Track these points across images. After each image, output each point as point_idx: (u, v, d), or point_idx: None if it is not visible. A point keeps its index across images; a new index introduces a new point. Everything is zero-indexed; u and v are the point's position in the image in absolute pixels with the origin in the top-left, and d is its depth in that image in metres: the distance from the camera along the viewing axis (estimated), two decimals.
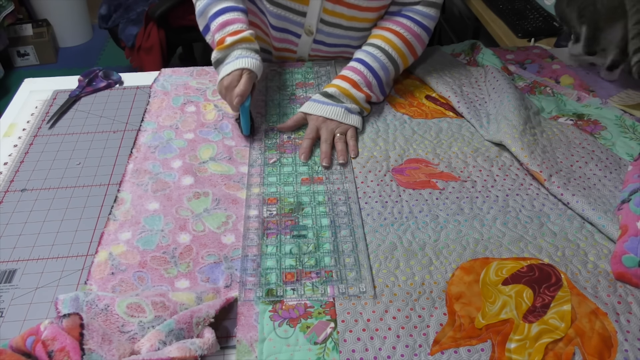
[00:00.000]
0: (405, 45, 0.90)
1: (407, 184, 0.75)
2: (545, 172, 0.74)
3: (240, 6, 0.86)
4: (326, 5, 0.90)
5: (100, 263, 0.64)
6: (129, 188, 0.75)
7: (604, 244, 0.66)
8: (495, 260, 0.64)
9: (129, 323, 0.54)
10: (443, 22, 2.50)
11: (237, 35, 0.82)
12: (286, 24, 0.96)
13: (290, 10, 0.93)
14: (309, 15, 0.92)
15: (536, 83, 0.94)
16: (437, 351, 0.54)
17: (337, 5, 0.89)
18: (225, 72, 0.80)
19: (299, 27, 0.96)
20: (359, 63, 0.89)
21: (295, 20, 0.94)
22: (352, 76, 0.87)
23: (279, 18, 0.94)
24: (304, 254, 0.65)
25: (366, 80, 0.87)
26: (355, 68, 0.88)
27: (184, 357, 0.51)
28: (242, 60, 0.80)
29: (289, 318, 0.58)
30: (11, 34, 2.66)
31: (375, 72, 0.88)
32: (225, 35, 0.83)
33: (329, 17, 0.92)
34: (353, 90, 0.86)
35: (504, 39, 1.69)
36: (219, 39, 0.83)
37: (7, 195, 0.76)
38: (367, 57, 0.89)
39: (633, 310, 0.58)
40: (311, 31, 0.95)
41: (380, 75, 0.88)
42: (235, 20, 0.84)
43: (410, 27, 0.90)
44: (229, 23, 0.83)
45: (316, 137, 0.83)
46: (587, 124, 0.85)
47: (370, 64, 0.88)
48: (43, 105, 0.94)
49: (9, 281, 0.63)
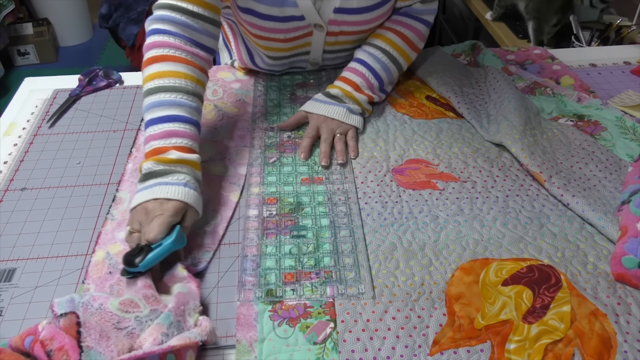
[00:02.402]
0: (407, 43, 0.89)
1: (407, 185, 0.75)
2: (545, 172, 0.74)
3: (194, 119, 0.71)
4: (328, 40, 0.90)
5: (98, 262, 0.64)
6: (127, 187, 0.75)
7: (603, 245, 0.66)
8: (495, 261, 0.64)
9: (125, 319, 0.54)
10: (443, 22, 2.50)
11: (186, 154, 0.66)
12: (291, 64, 0.97)
13: (291, 57, 0.93)
14: (313, 52, 0.93)
15: (536, 84, 0.94)
16: (436, 352, 0.54)
17: (340, 36, 0.89)
18: (160, 194, 0.62)
19: (304, 63, 0.97)
20: (360, 64, 0.88)
21: (299, 59, 0.95)
22: (353, 78, 0.87)
23: (282, 64, 0.95)
24: (304, 255, 0.65)
25: (368, 82, 0.87)
26: (357, 70, 0.88)
27: (185, 344, 0.51)
28: (190, 192, 0.64)
29: (289, 318, 0.58)
30: (11, 33, 2.66)
31: (377, 73, 0.88)
32: (170, 146, 0.66)
33: (333, 47, 0.92)
34: (355, 93, 0.86)
35: (505, 40, 1.69)
36: (159, 147, 0.66)
37: (7, 194, 0.76)
38: (369, 58, 0.88)
39: (632, 312, 0.58)
40: (317, 63, 0.97)
41: (382, 76, 0.88)
42: (186, 134, 0.68)
43: (411, 25, 0.90)
44: (178, 135, 0.68)
45: (316, 136, 0.83)
46: (587, 124, 0.85)
47: (372, 65, 0.88)
48: (43, 105, 0.94)
49: (9, 280, 0.63)
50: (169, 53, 0.72)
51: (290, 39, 0.87)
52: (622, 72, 1.01)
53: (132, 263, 0.58)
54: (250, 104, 0.92)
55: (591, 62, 1.05)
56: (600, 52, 1.10)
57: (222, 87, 0.97)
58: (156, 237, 0.59)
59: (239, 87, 0.97)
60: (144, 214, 0.62)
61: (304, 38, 0.88)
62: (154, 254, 0.58)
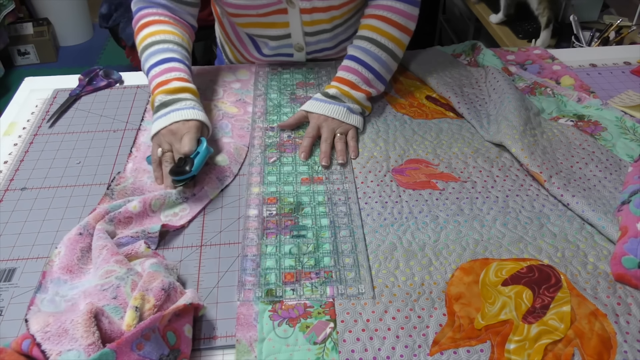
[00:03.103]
0: (394, 27, 0.88)
1: (407, 185, 0.75)
2: (545, 173, 0.74)
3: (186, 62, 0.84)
4: (304, 18, 0.91)
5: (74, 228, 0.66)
6: None
7: (603, 245, 0.66)
8: (495, 261, 0.64)
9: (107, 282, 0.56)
10: (443, 22, 2.50)
11: (186, 83, 0.80)
12: (276, 50, 0.98)
13: (275, 39, 0.95)
14: (294, 35, 0.94)
15: (536, 84, 0.94)
16: (436, 352, 0.54)
17: (314, 14, 0.90)
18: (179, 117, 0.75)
19: (288, 48, 0.98)
20: (351, 61, 0.88)
21: (283, 44, 0.96)
22: (348, 77, 0.87)
23: (268, 47, 0.98)
24: (304, 254, 0.65)
25: (363, 77, 0.87)
26: (350, 67, 0.88)
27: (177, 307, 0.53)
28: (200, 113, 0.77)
29: (289, 318, 0.58)
30: (12, 33, 2.66)
31: (370, 66, 0.87)
32: (171, 78, 0.80)
33: (312, 28, 0.93)
34: (352, 91, 0.86)
35: (505, 40, 1.69)
36: (162, 80, 0.80)
37: (7, 194, 0.76)
38: (358, 52, 0.88)
39: (632, 312, 0.58)
40: (301, 47, 0.97)
41: (375, 67, 0.87)
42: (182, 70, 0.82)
43: (393, 6, 0.88)
44: (175, 69, 0.81)
45: (317, 136, 0.83)
46: (587, 125, 0.85)
47: (363, 59, 0.87)
48: (43, 104, 0.94)
49: (9, 280, 0.63)
50: (156, 18, 0.86)
51: (264, 14, 0.90)
52: (622, 72, 1.01)
53: (183, 172, 0.70)
54: (250, 104, 0.92)
55: (591, 62, 1.05)
56: (600, 52, 1.09)
57: (222, 87, 0.97)
58: (191, 148, 0.72)
59: (239, 87, 0.97)
60: (171, 134, 0.74)
61: (279, 15, 0.90)
62: (198, 159, 0.71)
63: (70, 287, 0.60)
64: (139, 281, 0.56)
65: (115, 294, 0.55)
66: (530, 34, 1.63)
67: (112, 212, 0.67)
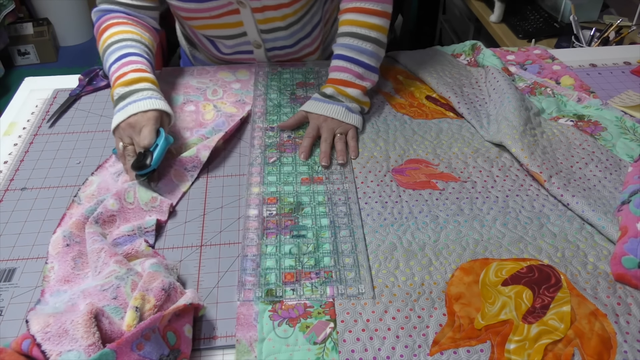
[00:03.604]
0: (371, 14, 0.87)
1: (407, 185, 0.75)
2: (545, 173, 0.74)
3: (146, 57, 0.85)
4: (257, 17, 0.92)
5: (56, 240, 0.65)
6: (100, 173, 0.78)
7: (603, 245, 0.66)
8: (495, 261, 0.64)
9: (107, 282, 0.56)
10: (443, 22, 2.50)
11: (143, 73, 0.80)
12: (235, 47, 1.00)
13: (231, 38, 0.96)
14: (249, 33, 0.95)
15: (536, 84, 0.94)
16: (436, 352, 0.54)
17: (266, 12, 0.91)
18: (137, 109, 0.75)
19: (247, 45, 0.99)
20: (338, 60, 0.88)
21: (241, 41, 0.98)
22: (340, 76, 0.87)
23: (225, 47, 0.99)
24: (304, 254, 0.65)
25: (354, 72, 0.87)
26: (339, 66, 0.88)
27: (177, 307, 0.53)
28: (158, 102, 0.77)
29: (289, 318, 0.58)
30: (12, 33, 2.66)
31: (357, 60, 0.87)
32: (128, 70, 0.80)
33: (266, 26, 0.94)
34: (347, 89, 0.86)
35: (505, 40, 1.69)
36: (120, 74, 0.80)
37: (7, 194, 0.76)
38: (343, 50, 0.88)
39: (632, 312, 0.58)
40: (259, 44, 0.98)
41: (363, 60, 0.87)
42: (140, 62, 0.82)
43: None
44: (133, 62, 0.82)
45: (316, 136, 0.83)
46: (587, 125, 0.85)
47: (349, 55, 0.87)
48: (43, 104, 0.94)
49: (9, 280, 0.63)
50: (115, 21, 0.87)
51: (217, 16, 0.91)
52: (622, 72, 1.01)
53: (144, 166, 0.71)
54: (250, 104, 0.92)
55: (591, 62, 1.05)
56: (600, 52, 1.10)
57: (222, 87, 0.97)
58: (150, 141, 0.72)
59: (239, 87, 0.97)
60: (130, 128, 0.75)
61: (231, 15, 0.91)
62: (157, 152, 0.72)
63: (71, 293, 0.59)
64: (139, 281, 0.56)
65: (115, 294, 0.55)
66: (530, 34, 1.63)
67: (95, 214, 0.67)
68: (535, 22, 1.66)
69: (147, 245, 0.65)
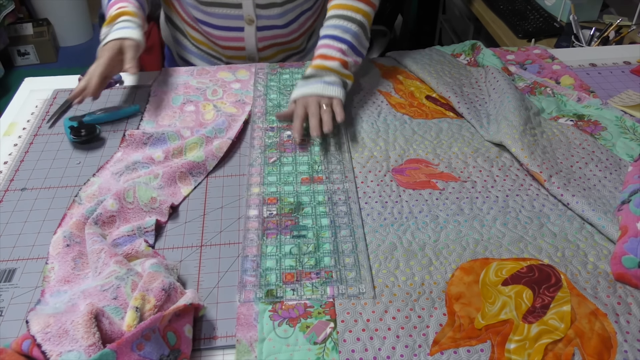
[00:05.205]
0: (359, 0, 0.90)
1: (407, 184, 0.75)
2: (545, 172, 0.74)
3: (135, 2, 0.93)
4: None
5: (56, 240, 0.65)
6: (102, 174, 0.77)
7: (603, 245, 0.66)
8: (495, 261, 0.64)
9: (107, 282, 0.56)
10: (443, 22, 2.50)
11: (125, 9, 0.90)
12: (226, 21, 0.99)
13: (225, 6, 0.97)
14: (245, 5, 0.96)
15: (536, 84, 0.94)
16: (436, 351, 0.54)
17: None
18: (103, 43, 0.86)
19: (239, 20, 0.99)
20: (322, 39, 0.90)
21: (233, 14, 0.98)
22: (319, 51, 0.89)
23: (217, 17, 0.98)
24: (304, 254, 0.65)
25: (335, 47, 0.88)
26: (322, 44, 0.89)
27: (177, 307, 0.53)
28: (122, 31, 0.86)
29: (289, 318, 0.58)
30: (11, 33, 2.66)
31: (341, 37, 0.88)
32: (114, 12, 0.90)
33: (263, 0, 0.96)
34: (326, 62, 0.87)
35: (505, 40, 1.69)
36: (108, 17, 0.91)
37: (7, 194, 0.76)
38: (329, 30, 0.90)
39: (633, 311, 0.58)
40: (252, 19, 0.99)
41: (346, 38, 0.88)
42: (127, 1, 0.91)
43: None
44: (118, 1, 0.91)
45: (305, 115, 0.84)
46: (587, 124, 0.85)
47: (333, 33, 0.89)
48: (43, 105, 0.94)
49: (9, 280, 0.63)
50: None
51: None
52: (622, 72, 1.01)
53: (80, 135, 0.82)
54: (250, 104, 0.92)
55: (591, 62, 1.05)
56: (600, 52, 1.10)
57: (222, 87, 0.97)
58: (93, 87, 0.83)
59: (239, 87, 0.97)
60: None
61: None
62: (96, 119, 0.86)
63: (71, 294, 0.60)
64: (139, 281, 0.56)
65: (115, 295, 0.55)
66: (530, 34, 1.63)
67: (94, 215, 0.67)
68: (535, 22, 1.66)
69: (147, 246, 0.65)
